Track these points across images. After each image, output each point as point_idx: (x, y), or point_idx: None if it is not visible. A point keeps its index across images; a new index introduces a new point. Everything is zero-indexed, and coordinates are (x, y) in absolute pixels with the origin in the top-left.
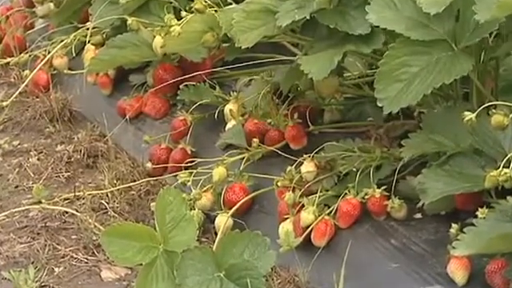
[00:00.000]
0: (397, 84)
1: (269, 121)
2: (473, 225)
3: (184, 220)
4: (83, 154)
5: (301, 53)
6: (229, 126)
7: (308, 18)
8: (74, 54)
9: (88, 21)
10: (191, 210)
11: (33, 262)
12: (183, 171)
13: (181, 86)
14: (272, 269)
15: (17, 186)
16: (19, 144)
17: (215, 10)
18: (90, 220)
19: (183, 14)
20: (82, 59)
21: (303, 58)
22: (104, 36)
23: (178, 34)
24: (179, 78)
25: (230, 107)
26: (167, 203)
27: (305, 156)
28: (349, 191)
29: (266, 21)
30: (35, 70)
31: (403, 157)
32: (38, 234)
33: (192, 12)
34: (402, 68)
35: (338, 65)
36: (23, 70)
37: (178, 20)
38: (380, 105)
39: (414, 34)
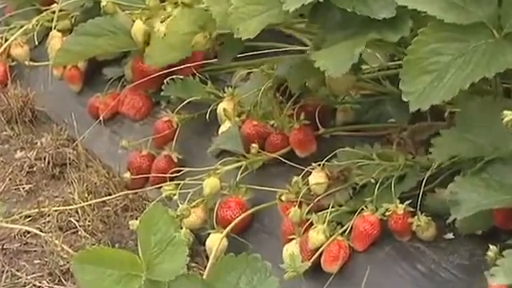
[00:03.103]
0: (426, 76)
1: (271, 122)
2: None
3: (172, 244)
4: (48, 163)
5: (309, 41)
6: (223, 128)
7: (321, 0)
8: (37, 42)
9: (53, 2)
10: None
11: None
12: (168, 183)
13: (165, 81)
14: None
15: None
16: None
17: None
18: (57, 241)
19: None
20: (46, 48)
21: (316, 52)
22: (73, 21)
23: (162, 35)
24: (164, 71)
25: (225, 106)
26: (153, 223)
27: (314, 164)
28: (366, 207)
29: (270, 5)
30: None
31: (432, 162)
32: None
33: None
34: (433, 57)
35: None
36: None
37: (162, 2)
38: (405, 99)
39: (448, 16)
